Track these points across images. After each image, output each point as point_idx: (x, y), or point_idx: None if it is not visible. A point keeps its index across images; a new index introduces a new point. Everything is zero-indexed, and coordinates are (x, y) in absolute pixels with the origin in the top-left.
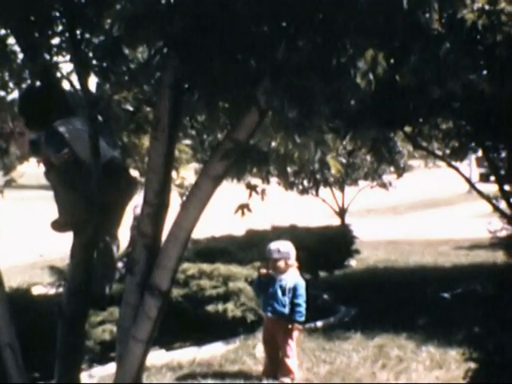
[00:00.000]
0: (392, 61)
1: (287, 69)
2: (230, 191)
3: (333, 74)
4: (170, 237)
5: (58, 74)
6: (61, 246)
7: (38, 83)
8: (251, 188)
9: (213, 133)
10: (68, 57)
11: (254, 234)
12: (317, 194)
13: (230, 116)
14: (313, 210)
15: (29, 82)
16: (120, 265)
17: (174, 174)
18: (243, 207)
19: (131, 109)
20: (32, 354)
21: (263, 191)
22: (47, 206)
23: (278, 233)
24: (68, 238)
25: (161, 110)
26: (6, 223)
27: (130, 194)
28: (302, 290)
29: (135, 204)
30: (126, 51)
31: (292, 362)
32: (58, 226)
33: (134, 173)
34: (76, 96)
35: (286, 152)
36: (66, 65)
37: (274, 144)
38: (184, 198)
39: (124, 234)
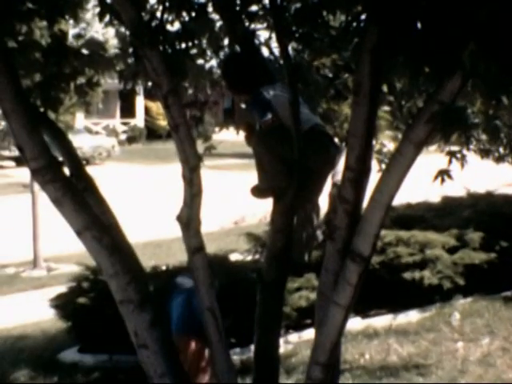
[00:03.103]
0: None
1: (492, 31)
2: (423, 158)
3: None
4: (372, 202)
5: (256, 42)
6: (255, 214)
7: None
8: (451, 154)
9: (412, 98)
10: (265, 24)
11: (449, 201)
12: None
13: (431, 81)
14: (508, 178)
15: (227, 50)
16: (318, 232)
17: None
18: (443, 173)
19: (330, 75)
20: (229, 319)
21: (463, 157)
22: (242, 174)
23: (475, 200)
24: (262, 205)
25: (362, 75)
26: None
27: (333, 161)
28: None
29: (334, 171)
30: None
31: None
32: (259, 192)
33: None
34: (275, 63)
35: (495, 114)
36: (262, 32)
37: (469, 110)
38: (383, 165)
39: (322, 202)
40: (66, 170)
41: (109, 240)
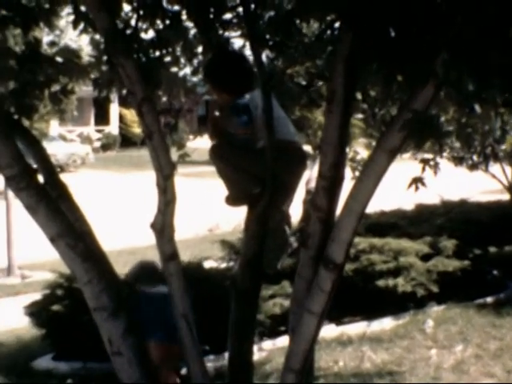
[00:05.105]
0: None
1: (464, 41)
2: (396, 166)
3: (509, 46)
4: (345, 210)
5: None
6: (229, 221)
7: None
8: (424, 162)
9: (385, 106)
10: (239, 32)
11: (423, 209)
12: (486, 170)
13: (404, 89)
14: (482, 185)
15: (201, 58)
16: (292, 239)
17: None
18: (417, 181)
19: (304, 83)
20: (204, 326)
21: (436, 165)
22: (216, 181)
23: (448, 207)
24: (237, 212)
25: (335, 83)
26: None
27: (301, 172)
28: None
29: (308, 178)
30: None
31: None
32: (233, 200)
33: (307, 147)
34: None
35: (468, 122)
36: (236, 40)
37: (443, 118)
38: (356, 172)
39: (296, 209)
40: (40, 178)
41: (82, 247)
